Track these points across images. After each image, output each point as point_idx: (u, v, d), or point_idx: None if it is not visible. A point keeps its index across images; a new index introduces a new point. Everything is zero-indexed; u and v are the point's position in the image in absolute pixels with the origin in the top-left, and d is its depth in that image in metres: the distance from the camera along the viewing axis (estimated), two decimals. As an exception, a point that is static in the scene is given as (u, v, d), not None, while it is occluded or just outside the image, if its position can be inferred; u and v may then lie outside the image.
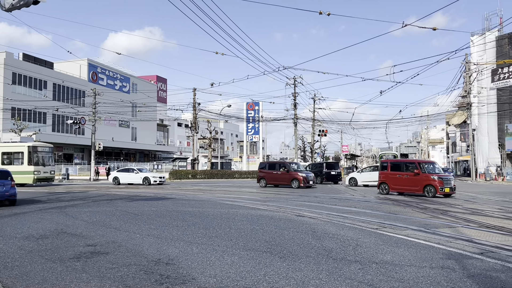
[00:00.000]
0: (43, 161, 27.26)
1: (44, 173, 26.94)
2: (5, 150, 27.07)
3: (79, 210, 11.91)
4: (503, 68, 41.67)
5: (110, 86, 58.53)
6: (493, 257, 5.85)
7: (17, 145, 27.06)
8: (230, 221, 9.51)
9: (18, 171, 25.47)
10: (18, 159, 26.62)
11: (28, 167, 26.02)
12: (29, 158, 26.10)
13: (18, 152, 26.65)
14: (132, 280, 4.68)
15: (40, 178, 26.61)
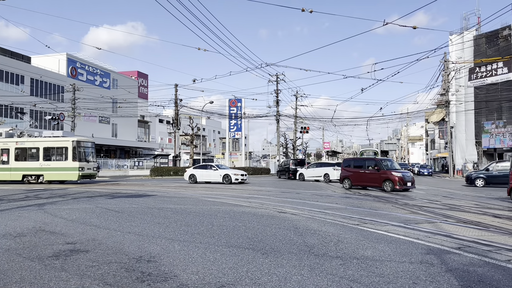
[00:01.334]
0: (87, 156, 25.73)
1: (88, 169, 25.38)
2: (47, 145, 25.13)
3: (58, 207, 11.70)
4: (480, 67, 42.61)
5: (90, 81, 57.57)
6: (471, 252, 5.98)
7: (60, 139, 25.16)
8: (212, 218, 9.49)
9: (62, 168, 24.53)
10: (61, 154, 24.84)
11: (73, 163, 24.39)
12: (73, 154, 24.47)
13: (61, 148, 24.85)
14: (112, 278, 4.63)
15: (85, 175, 25.10)
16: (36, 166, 24.97)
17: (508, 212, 11.14)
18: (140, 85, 72.40)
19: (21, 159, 25.49)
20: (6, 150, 25.74)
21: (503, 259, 5.54)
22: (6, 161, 25.60)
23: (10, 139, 26.05)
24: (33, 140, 25.66)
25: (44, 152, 25.09)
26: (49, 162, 24.92)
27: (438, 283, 4.46)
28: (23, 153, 25.57)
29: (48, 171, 24.81)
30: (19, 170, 25.25)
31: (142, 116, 71.91)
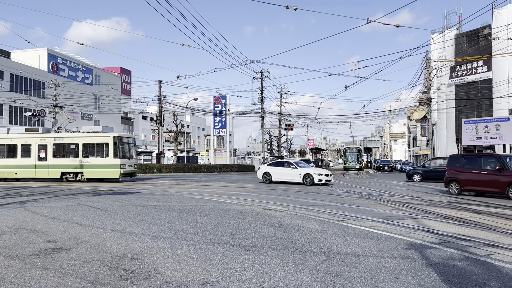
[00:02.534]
0: (128, 153, 24.17)
1: (129, 167, 23.88)
2: (87, 141, 23.60)
3: (39, 205, 11.50)
4: (461, 65, 43.33)
5: (72, 77, 56.65)
6: (451, 247, 6.10)
7: (100, 135, 23.57)
8: (197, 215, 9.46)
9: (102, 165, 23.17)
10: (101, 151, 23.36)
11: (114, 160, 22.87)
12: (114, 150, 22.93)
13: (101, 144, 23.32)
14: (95, 276, 4.58)
15: (126, 173, 23.54)
16: (75, 163, 23.61)
17: (488, 209, 11.39)
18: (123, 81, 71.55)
19: (59, 155, 24.09)
20: (43, 146, 24.30)
21: (482, 254, 5.66)
22: (44, 157, 24.19)
23: (48, 134, 24.74)
24: (72, 136, 24.17)
25: (84, 148, 23.63)
26: (89, 159, 23.44)
27: (419, 277, 4.54)
28: (62, 149, 24.17)
29: (88, 168, 23.43)
30: (57, 167, 23.92)
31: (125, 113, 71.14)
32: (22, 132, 25.28)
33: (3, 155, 25.07)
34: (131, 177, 25.17)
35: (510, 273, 4.72)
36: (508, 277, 4.58)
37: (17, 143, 24.68)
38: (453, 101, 43.98)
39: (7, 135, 25.22)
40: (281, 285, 4.26)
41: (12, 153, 24.75)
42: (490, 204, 12.52)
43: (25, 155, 24.46)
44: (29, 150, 24.42)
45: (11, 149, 24.80)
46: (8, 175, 24.74)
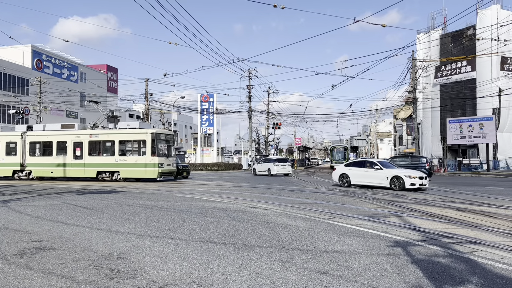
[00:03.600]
0: (167, 151, 22.73)
1: (168, 165, 22.27)
2: (123, 138, 22.18)
3: (23, 204, 11.33)
4: (445, 65, 43.92)
5: (57, 74, 55.86)
6: (435, 244, 6.19)
7: (137, 131, 22.06)
8: (184, 213, 9.42)
9: (139, 163, 21.60)
10: (138, 148, 21.87)
11: (152, 158, 21.33)
12: (152, 148, 21.38)
13: (138, 141, 21.81)
14: (80, 275, 4.53)
15: (164, 172, 21.94)
16: (111, 161, 22.25)
17: (471, 206, 11.58)
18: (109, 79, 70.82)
19: (95, 153, 22.81)
20: (79, 143, 23.07)
21: (465, 251, 5.76)
22: (80, 155, 22.97)
23: (83, 131, 23.45)
24: (107, 133, 22.81)
25: (120, 146, 22.22)
26: (125, 157, 22.03)
27: (404, 274, 4.59)
28: (97, 147, 22.85)
29: (124, 167, 22.01)
30: (93, 165, 22.64)
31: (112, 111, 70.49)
32: (58, 129, 24.13)
33: (39, 153, 24.06)
34: (170, 176, 23.58)
35: (492, 270, 4.81)
36: (491, 274, 4.66)
37: (52, 140, 23.62)
38: (438, 101, 44.57)
39: (43, 132, 24.19)
40: (268, 283, 4.28)
41: (48, 151, 23.72)
42: (473, 202, 12.72)
43: (61, 153, 23.41)
44: (65, 147, 23.29)
45: (46, 146, 23.80)
46: (44, 173, 23.71)
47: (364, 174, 18.54)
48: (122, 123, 24.18)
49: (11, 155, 24.41)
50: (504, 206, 11.61)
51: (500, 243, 6.38)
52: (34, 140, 24.13)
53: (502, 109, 40.41)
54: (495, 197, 14.15)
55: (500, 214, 9.82)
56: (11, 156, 24.41)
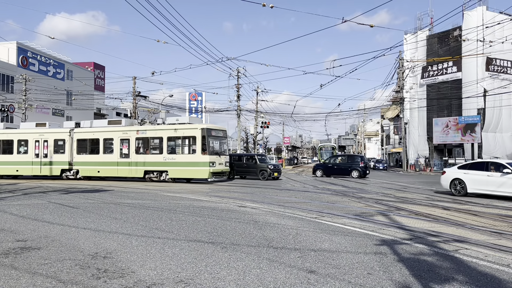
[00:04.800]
0: (219, 148, 21.01)
1: (220, 164, 20.30)
2: (171, 134, 20.48)
3: (7, 203, 11.15)
4: (432, 65, 44.41)
5: (43, 72, 55.08)
6: (421, 242, 6.26)
7: (186, 127, 20.33)
8: (172, 213, 9.38)
9: (189, 162, 19.89)
10: (187, 146, 20.20)
11: (202, 156, 19.53)
12: (202, 145, 19.59)
13: (188, 137, 20.13)
14: (66, 275, 4.48)
15: (216, 172, 20.01)
16: (159, 160, 20.65)
17: (457, 205, 11.73)
18: (96, 77, 70.09)
19: (142, 151, 21.25)
20: (126, 140, 21.54)
21: (451, 249, 5.84)
22: (127, 154, 21.42)
23: (130, 127, 21.89)
24: (155, 129, 21.26)
25: (168, 143, 20.55)
26: (174, 155, 20.30)
27: (390, 273, 4.64)
28: (145, 144, 21.29)
29: (173, 166, 20.32)
30: (140, 165, 21.07)
31: (99, 109, 69.75)
32: (105, 125, 22.79)
33: (86, 150, 22.74)
34: (221, 177, 21.39)
35: (477, 268, 4.88)
36: (476, 271, 4.74)
37: (99, 137, 22.27)
38: (425, 101, 45.06)
39: (90, 128, 22.88)
40: (256, 282, 4.28)
41: (95, 149, 22.48)
42: (458, 200, 12.89)
43: (107, 151, 22.06)
44: (112, 145, 21.91)
45: (93, 144, 22.53)
46: (90, 173, 22.50)
47: (486, 180, 13.87)
48: (171, 118, 22.17)
49: (59, 153, 23.12)
50: (488, 204, 11.80)
51: (484, 241, 6.49)
52: (81, 137, 22.84)
53: (487, 109, 41.01)
54: (480, 196, 14.36)
55: (484, 212, 9.98)
56: (59, 154, 23.11)
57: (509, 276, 4.55)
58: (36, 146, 23.46)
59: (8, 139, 24.13)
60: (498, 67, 41.34)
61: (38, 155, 23.38)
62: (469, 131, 39.27)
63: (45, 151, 23.29)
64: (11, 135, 24.19)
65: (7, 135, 24.23)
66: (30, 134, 23.76)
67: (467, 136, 39.36)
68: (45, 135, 23.43)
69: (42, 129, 23.75)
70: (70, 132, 23.04)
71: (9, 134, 24.22)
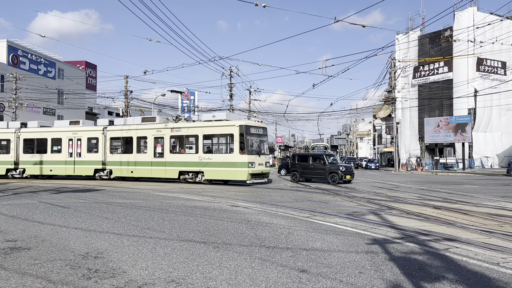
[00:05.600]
0: (258, 147, 19.08)
1: (259, 165, 18.56)
2: (207, 132, 18.98)
3: (-3, 203, 11.04)
4: (423, 65, 44.74)
5: (33, 70, 54.58)
6: (412, 241, 6.30)
7: (222, 124, 18.72)
8: (164, 212, 9.35)
9: (226, 163, 18.27)
10: (224, 144, 18.60)
11: (240, 156, 17.88)
12: (240, 144, 17.94)
13: (224, 135, 18.50)
14: (56, 275, 4.44)
15: (255, 173, 18.28)
16: (194, 160, 19.21)
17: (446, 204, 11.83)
18: (88, 76, 69.58)
19: (177, 150, 20.02)
20: (160, 138, 20.30)
21: (441, 248, 5.88)
22: (161, 153, 20.20)
23: (165, 124, 20.54)
24: (190, 126, 19.88)
25: (204, 141, 19.07)
26: (210, 154, 18.78)
27: (382, 271, 4.66)
28: (179, 142, 20.01)
29: (209, 167, 18.78)
30: (174, 165, 19.76)
31: (90, 108, 69.26)
32: (139, 122, 21.57)
33: (120, 150, 21.62)
34: (262, 179, 19.15)
35: (467, 266, 4.93)
36: (465, 270, 4.78)
37: (132, 135, 21.09)
38: (416, 101, 45.40)
39: (123, 126, 21.77)
40: (248, 281, 4.28)
41: (128, 148, 21.26)
42: (449, 200, 13.00)
43: (141, 150, 20.95)
44: (145, 144, 20.80)
45: (127, 142, 21.36)
46: (124, 173, 21.29)
47: None
48: (207, 114, 20.82)
49: (93, 152, 22.19)
50: (479, 204, 11.90)
51: (474, 240, 6.54)
52: (114, 135, 21.78)
53: (477, 109, 41.40)
54: (470, 195, 14.50)
55: (475, 211, 10.06)
56: (92, 154, 22.17)
57: (498, 274, 4.60)
58: (69, 145, 22.72)
59: (42, 137, 23.37)
60: (489, 67, 41.75)
61: (72, 154, 22.65)
62: (460, 130, 39.61)
63: (78, 150, 22.53)
64: (45, 133, 23.42)
65: (41, 134, 23.47)
66: (64, 133, 22.98)
67: (458, 136, 39.69)
68: (79, 134, 22.64)
69: (76, 127, 22.99)
70: (104, 130, 22.07)
71: (43, 133, 23.48)
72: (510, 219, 8.86)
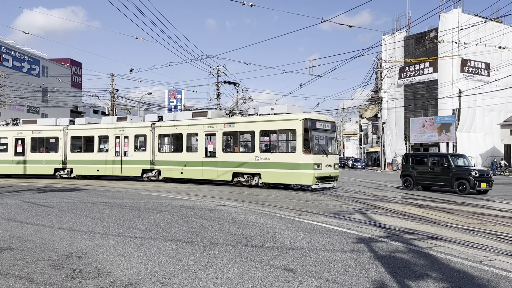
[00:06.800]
0: (325, 146, 16.26)
1: (327, 167, 15.65)
2: (266, 127, 16.52)
3: (-21, 203, 10.83)
4: (409, 66, 45.23)
5: (17, 68, 53.65)
6: (397, 240, 6.37)
7: (283, 118, 16.16)
8: (149, 212, 9.28)
9: (287, 163, 15.62)
10: (284, 141, 16.31)
11: (304, 156, 15.17)
12: (304, 141, 15.26)
13: (285, 131, 16.18)
14: (40, 276, 4.38)
15: (322, 177, 15.41)
16: (250, 160, 16.71)
17: (432, 203, 11.99)
18: (73, 74, 68.69)
19: (230, 149, 17.89)
20: (212, 135, 18.15)
21: (425, 246, 5.96)
22: (213, 151, 18.10)
23: (217, 119, 18.37)
24: (245, 121, 17.45)
25: (261, 138, 16.68)
26: (268, 154, 16.25)
27: (367, 270, 4.70)
28: (234, 139, 17.86)
29: (267, 168, 16.21)
30: (228, 165, 17.40)
31: (76, 107, 68.39)
32: (189, 117, 19.64)
33: (168, 148, 20.21)
34: (330, 183, 16.11)
35: (450, 264, 5.00)
36: (449, 268, 4.85)
37: (182, 132, 19.14)
38: (402, 101, 45.85)
39: (172, 122, 20.01)
40: (234, 281, 4.28)
41: (178, 146, 19.53)
42: (433, 199, 13.18)
43: (192, 148, 19.06)
44: (196, 141, 18.91)
45: (177, 140, 19.64)
46: (173, 174, 19.43)
47: None
48: (264, 107, 18.16)
49: (140, 151, 20.50)
50: (462, 202, 12.10)
51: (457, 238, 6.65)
52: (163, 132, 20.00)
53: (462, 109, 42.02)
54: (453, 194, 14.72)
55: (458, 210, 10.22)
56: (140, 152, 20.44)
57: (481, 272, 4.68)
58: (116, 143, 21.09)
59: (90, 135, 21.97)
60: (473, 68, 42.40)
61: (119, 153, 20.99)
62: (445, 130, 40.17)
63: (125, 149, 20.84)
64: (92, 130, 22.03)
65: (88, 131, 22.15)
66: (111, 130, 21.31)
67: (442, 136, 40.24)
68: (126, 130, 20.92)
69: (123, 124, 21.31)
70: (152, 126, 20.26)
71: (90, 130, 22.11)
72: (493, 218, 9.03)
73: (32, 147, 22.64)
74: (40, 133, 22.68)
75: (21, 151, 22.60)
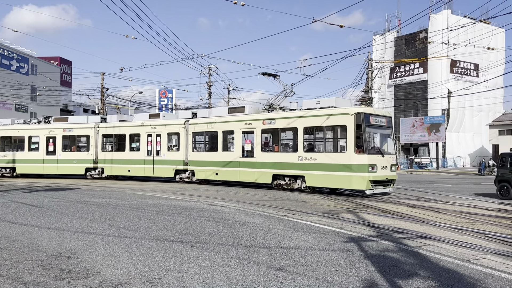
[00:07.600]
0: (381, 145, 14.38)
1: (383, 169, 13.51)
2: (310, 123, 14.56)
3: (-34, 202, 10.68)
4: (400, 66, 45.57)
5: (5, 66, 53.02)
6: (387, 239, 6.41)
7: (330, 112, 14.00)
8: (140, 211, 9.23)
9: (335, 165, 13.58)
10: (331, 139, 14.41)
11: (356, 156, 13.09)
12: (357, 139, 13.22)
13: (333, 127, 14.18)
14: (28, 276, 4.33)
15: (377, 180, 13.28)
16: (292, 160, 14.83)
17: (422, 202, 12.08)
18: (63, 72, 68.05)
19: (269, 148, 16.17)
20: (250, 133, 16.48)
21: (415, 245, 6.00)
22: (250, 151, 16.37)
23: (255, 115, 16.73)
24: (287, 116, 15.46)
25: (305, 137, 14.83)
26: (313, 153, 14.31)
27: (357, 269, 4.73)
28: (274, 138, 16.19)
29: (312, 170, 14.23)
30: (267, 166, 15.64)
31: (65, 105, 67.77)
32: (225, 114, 18.13)
33: (202, 146, 18.65)
34: (385, 188, 13.85)
35: (439, 263, 5.04)
36: (438, 267, 4.89)
37: (217, 130, 17.66)
38: (393, 101, 46.17)
39: (206, 119, 18.45)
40: (225, 280, 4.27)
41: (212, 145, 18.14)
42: (423, 198, 13.29)
43: (227, 147, 17.58)
44: (232, 139, 17.46)
45: (212, 138, 18.19)
46: (207, 175, 17.99)
47: None
48: (308, 101, 15.98)
49: (173, 150, 19.24)
50: (451, 202, 12.21)
51: (446, 237, 6.71)
52: (197, 130, 18.57)
53: (451, 110, 42.43)
54: (443, 194, 14.86)
55: (447, 209, 10.32)
56: (172, 152, 19.19)
57: (469, 271, 4.73)
58: (148, 141, 19.91)
59: (121, 133, 20.89)
60: (462, 69, 42.84)
61: (151, 153, 19.79)
62: (434, 130, 40.51)
63: (158, 148, 19.65)
64: (123, 128, 20.91)
65: (119, 129, 20.98)
66: (142, 127, 20.18)
67: (432, 136, 40.58)
68: (158, 128, 19.67)
69: (155, 121, 20.10)
70: (185, 124, 18.90)
71: (121, 128, 20.97)
72: (481, 217, 9.13)
73: (63, 146, 21.94)
74: (71, 131, 21.91)
75: (53, 150, 21.93)
